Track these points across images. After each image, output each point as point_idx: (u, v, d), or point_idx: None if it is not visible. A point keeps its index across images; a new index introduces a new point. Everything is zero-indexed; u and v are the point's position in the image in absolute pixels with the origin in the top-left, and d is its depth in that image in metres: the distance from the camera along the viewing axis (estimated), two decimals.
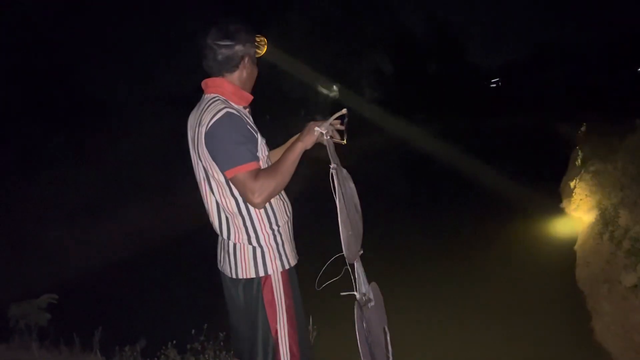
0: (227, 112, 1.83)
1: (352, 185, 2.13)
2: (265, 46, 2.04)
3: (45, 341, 3.89)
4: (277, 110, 16.79)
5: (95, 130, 12.16)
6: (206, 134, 1.82)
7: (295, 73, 20.12)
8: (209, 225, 2.05)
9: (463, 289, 6.97)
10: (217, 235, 2.06)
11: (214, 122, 1.81)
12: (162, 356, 3.43)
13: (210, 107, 1.87)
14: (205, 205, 2.01)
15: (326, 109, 22.23)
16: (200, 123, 1.86)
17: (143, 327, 4.93)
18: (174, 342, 3.46)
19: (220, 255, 2.04)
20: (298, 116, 20.45)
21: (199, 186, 2.00)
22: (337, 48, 23.30)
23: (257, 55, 2.04)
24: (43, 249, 8.52)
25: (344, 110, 2.03)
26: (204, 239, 2.12)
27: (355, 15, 24.45)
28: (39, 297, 4.00)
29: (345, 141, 2.04)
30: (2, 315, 3.96)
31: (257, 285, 1.93)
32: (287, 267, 1.99)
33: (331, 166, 1.94)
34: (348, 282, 2.02)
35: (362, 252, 2.10)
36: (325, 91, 24.61)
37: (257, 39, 2.02)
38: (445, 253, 8.29)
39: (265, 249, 1.93)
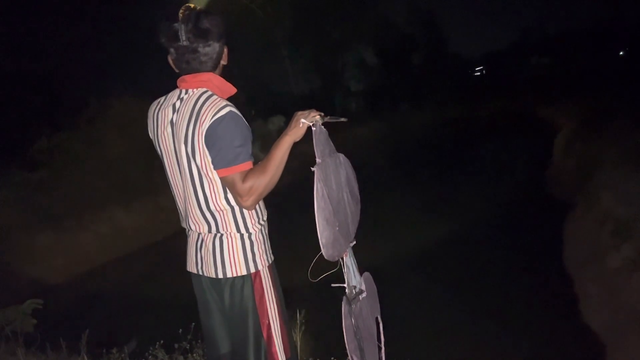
0: (231, 112, 1.75)
1: (350, 170, 2.06)
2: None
3: (31, 347, 3.84)
4: (262, 105, 16.75)
5: (79, 131, 12.00)
6: (207, 130, 1.74)
7: (280, 66, 19.99)
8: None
9: (458, 270, 7.10)
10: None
11: (217, 119, 1.73)
12: (150, 356, 3.40)
13: (208, 103, 1.77)
14: (183, 205, 1.93)
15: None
16: (199, 119, 1.76)
17: (130, 328, 4.90)
18: (162, 342, 3.42)
19: (197, 256, 1.95)
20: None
21: (178, 184, 1.91)
22: (320, 40, 23.22)
23: None
24: (27, 253, 8.41)
25: (342, 119, 1.98)
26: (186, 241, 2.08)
27: (337, 6, 24.35)
28: (24, 302, 3.95)
29: (345, 118, 1.99)
30: None
31: (248, 282, 1.90)
32: (271, 261, 1.98)
33: (317, 161, 1.86)
34: (339, 273, 2.00)
35: (354, 242, 2.04)
36: None
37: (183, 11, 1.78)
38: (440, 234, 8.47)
39: (255, 244, 1.91)
